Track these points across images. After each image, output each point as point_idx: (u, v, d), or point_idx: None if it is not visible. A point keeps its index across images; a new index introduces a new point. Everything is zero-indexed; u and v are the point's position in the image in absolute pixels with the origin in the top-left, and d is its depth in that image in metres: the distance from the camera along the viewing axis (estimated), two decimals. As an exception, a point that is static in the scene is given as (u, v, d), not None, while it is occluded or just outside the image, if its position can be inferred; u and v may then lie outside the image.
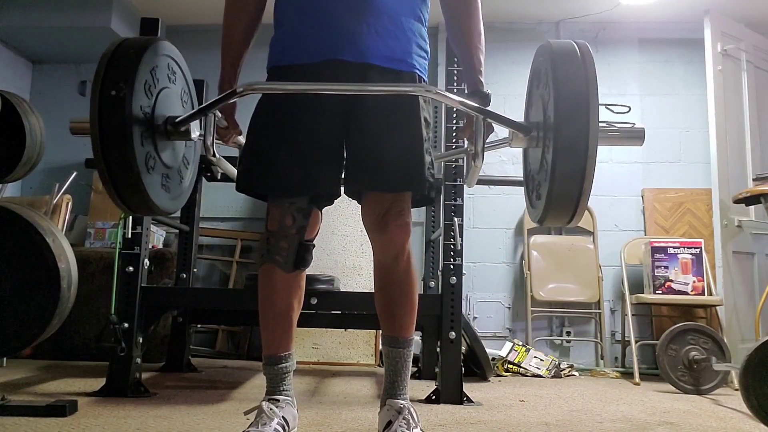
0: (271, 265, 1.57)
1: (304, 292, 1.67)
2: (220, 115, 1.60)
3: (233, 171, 1.72)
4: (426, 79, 1.63)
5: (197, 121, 1.54)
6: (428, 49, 1.64)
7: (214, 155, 1.54)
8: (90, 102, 1.35)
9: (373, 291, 1.67)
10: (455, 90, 2.47)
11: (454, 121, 2.50)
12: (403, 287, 1.63)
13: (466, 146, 1.67)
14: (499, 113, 1.44)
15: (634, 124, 1.40)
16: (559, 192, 1.27)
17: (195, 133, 1.54)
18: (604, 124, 1.31)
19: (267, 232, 1.58)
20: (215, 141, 1.54)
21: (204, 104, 1.49)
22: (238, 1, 1.65)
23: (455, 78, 2.50)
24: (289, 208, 1.55)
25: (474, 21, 1.64)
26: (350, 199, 1.65)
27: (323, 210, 1.66)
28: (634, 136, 1.41)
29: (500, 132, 1.50)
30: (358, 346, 3.64)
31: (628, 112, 1.42)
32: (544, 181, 1.33)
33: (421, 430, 1.55)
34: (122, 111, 1.33)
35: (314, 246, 1.63)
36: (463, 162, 2.45)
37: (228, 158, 1.70)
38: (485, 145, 1.48)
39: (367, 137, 1.53)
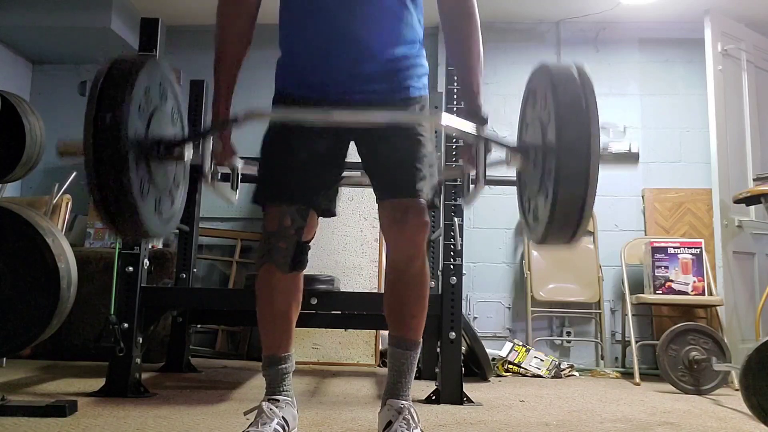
0: (270, 265, 1.58)
1: (302, 295, 1.67)
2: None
3: (232, 196, 1.68)
4: (426, 94, 1.65)
5: (191, 143, 1.50)
6: (426, 64, 1.66)
7: (212, 183, 1.50)
8: (84, 126, 1.27)
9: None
10: (455, 89, 2.48)
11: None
12: (416, 288, 1.63)
13: (461, 164, 1.68)
14: (497, 136, 1.49)
15: (629, 150, 1.45)
16: (561, 216, 1.28)
17: (188, 154, 1.49)
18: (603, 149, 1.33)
19: (266, 233, 1.59)
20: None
21: (201, 129, 1.46)
22: (230, 24, 1.64)
23: (455, 78, 2.50)
24: (287, 209, 1.56)
25: (474, 43, 1.62)
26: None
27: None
28: (631, 159, 1.44)
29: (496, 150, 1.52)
30: (358, 346, 3.64)
31: (623, 132, 1.49)
32: (544, 205, 1.33)
33: (421, 430, 1.55)
34: (119, 137, 1.26)
35: (310, 248, 1.63)
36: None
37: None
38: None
39: (374, 150, 1.59)
